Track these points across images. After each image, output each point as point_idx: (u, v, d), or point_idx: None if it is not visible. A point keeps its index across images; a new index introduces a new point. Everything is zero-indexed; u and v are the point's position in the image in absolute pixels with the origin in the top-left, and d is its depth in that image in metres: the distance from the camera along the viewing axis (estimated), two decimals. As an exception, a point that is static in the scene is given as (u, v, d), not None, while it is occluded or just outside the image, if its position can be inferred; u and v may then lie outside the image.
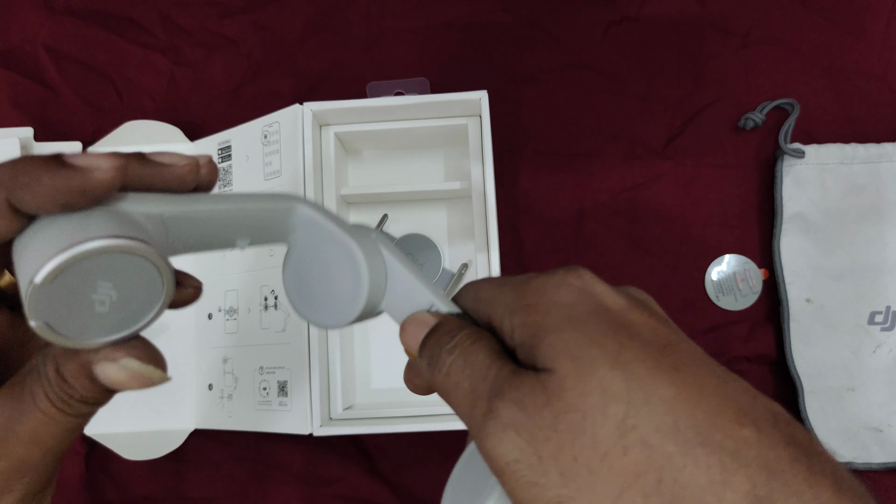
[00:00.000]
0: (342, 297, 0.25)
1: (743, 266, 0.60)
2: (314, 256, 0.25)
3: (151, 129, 0.61)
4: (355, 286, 0.25)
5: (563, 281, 0.23)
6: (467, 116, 0.56)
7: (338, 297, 0.25)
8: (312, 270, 0.25)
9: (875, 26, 0.62)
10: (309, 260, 0.25)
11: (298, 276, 0.26)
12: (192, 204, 0.24)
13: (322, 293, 0.25)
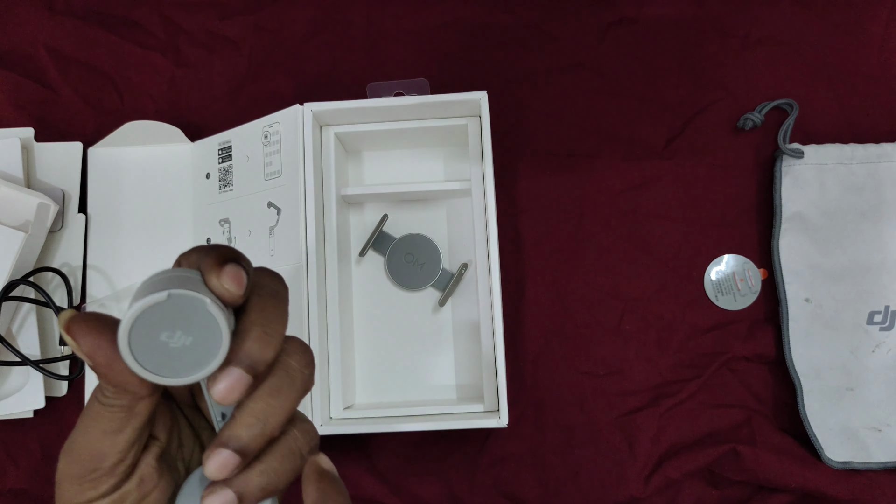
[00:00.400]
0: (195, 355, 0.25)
1: (742, 266, 0.60)
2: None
3: (152, 129, 0.61)
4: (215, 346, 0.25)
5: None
6: (467, 117, 0.56)
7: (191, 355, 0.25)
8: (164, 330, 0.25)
9: (874, 27, 0.62)
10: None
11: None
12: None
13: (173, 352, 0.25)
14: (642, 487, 0.57)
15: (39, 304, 0.58)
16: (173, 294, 0.24)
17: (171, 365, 0.24)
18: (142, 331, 0.24)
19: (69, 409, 0.60)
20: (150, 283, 0.25)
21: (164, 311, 0.24)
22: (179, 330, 0.24)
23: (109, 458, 0.26)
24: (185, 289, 0.24)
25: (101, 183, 0.62)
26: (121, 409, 0.26)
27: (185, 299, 0.24)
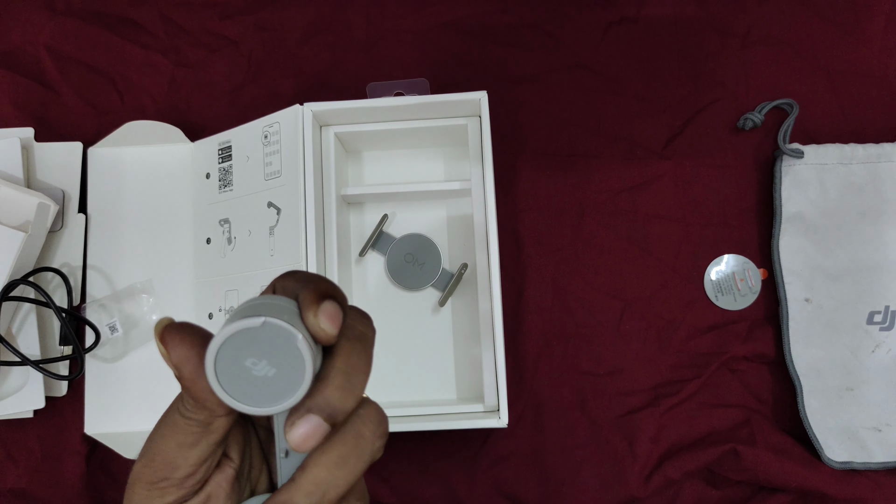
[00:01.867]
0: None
1: (742, 266, 0.60)
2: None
3: (152, 129, 0.61)
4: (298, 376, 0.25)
5: None
6: (467, 117, 0.56)
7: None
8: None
9: (874, 27, 0.62)
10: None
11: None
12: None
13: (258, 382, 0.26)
14: (642, 487, 0.57)
15: (39, 304, 0.58)
16: (268, 322, 0.24)
17: (249, 392, 0.24)
18: (229, 352, 0.24)
19: (69, 409, 0.60)
20: (247, 307, 0.25)
21: (254, 337, 0.24)
22: (265, 359, 0.24)
23: (181, 469, 0.26)
24: (280, 319, 0.24)
25: (101, 183, 0.62)
26: (197, 424, 0.26)
27: (277, 330, 0.24)
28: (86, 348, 0.58)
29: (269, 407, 0.25)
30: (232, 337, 0.24)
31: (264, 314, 0.24)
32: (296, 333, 0.24)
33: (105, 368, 0.60)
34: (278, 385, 0.24)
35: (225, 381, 0.24)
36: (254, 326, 0.24)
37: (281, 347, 0.24)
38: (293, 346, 0.24)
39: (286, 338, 0.24)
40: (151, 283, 0.60)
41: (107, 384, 0.59)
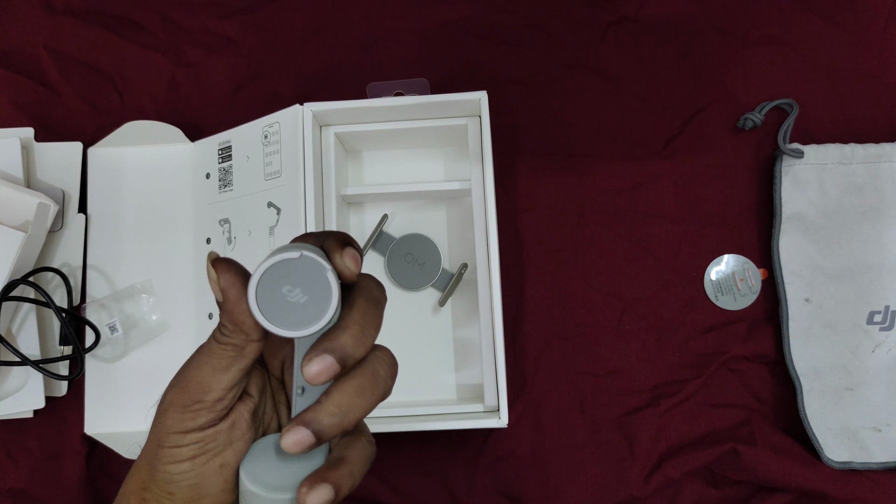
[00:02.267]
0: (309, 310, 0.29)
1: (742, 266, 0.60)
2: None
3: (152, 129, 0.61)
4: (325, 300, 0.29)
5: None
6: (467, 117, 0.56)
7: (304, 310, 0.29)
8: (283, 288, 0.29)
9: (874, 26, 0.62)
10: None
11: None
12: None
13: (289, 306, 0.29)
14: (642, 487, 0.57)
15: (39, 303, 0.58)
16: (304, 255, 0.28)
17: (282, 317, 0.28)
18: (269, 280, 0.28)
19: (69, 409, 0.60)
20: (284, 246, 0.29)
21: (292, 267, 0.28)
22: (300, 287, 0.28)
23: (213, 392, 0.30)
24: (315, 254, 0.28)
25: (101, 183, 0.62)
26: (233, 349, 0.30)
27: (312, 262, 0.28)
28: (86, 348, 0.58)
29: (298, 330, 0.28)
30: (274, 265, 0.28)
31: (301, 250, 0.28)
32: (327, 266, 0.28)
33: (105, 368, 0.60)
34: (308, 311, 0.28)
35: (263, 304, 0.28)
36: (293, 258, 0.28)
37: (313, 278, 0.28)
38: (324, 277, 0.28)
39: (318, 269, 0.28)
40: (151, 283, 0.60)
41: (107, 384, 0.59)
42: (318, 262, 0.28)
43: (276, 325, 0.28)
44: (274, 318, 0.28)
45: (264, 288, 0.28)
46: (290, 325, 0.28)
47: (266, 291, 0.28)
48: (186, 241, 0.61)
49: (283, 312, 0.28)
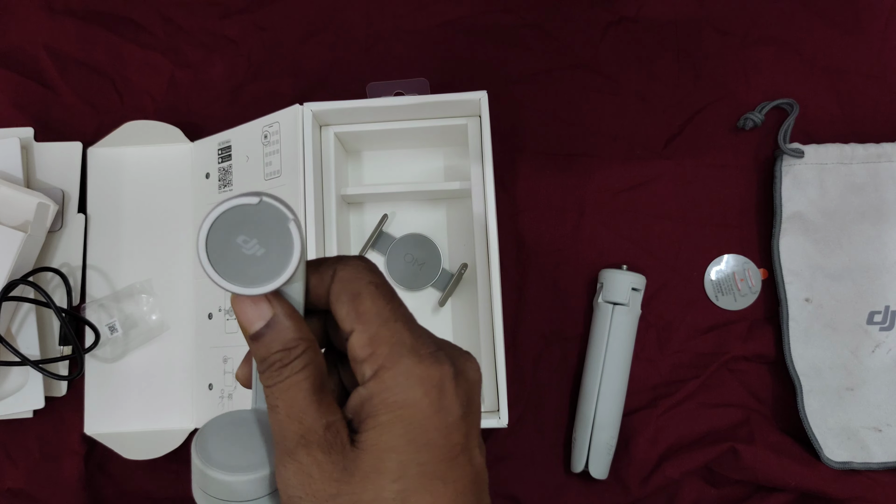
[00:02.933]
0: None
1: (742, 266, 0.60)
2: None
3: (152, 129, 0.61)
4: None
5: (428, 377, 0.26)
6: (467, 117, 0.56)
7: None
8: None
9: (874, 26, 0.62)
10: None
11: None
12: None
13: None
14: (641, 487, 0.57)
15: (39, 304, 0.58)
16: (264, 201, 0.25)
17: (235, 270, 0.25)
18: (222, 227, 0.25)
19: (68, 409, 0.60)
20: (246, 191, 0.26)
21: (249, 214, 0.25)
22: (256, 238, 0.25)
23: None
24: (277, 201, 0.25)
25: (100, 183, 0.62)
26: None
27: (272, 210, 0.25)
28: (85, 348, 0.58)
29: (252, 287, 0.25)
30: (228, 211, 0.24)
31: (262, 195, 0.25)
32: (289, 215, 0.25)
33: (105, 368, 0.60)
34: (265, 266, 0.25)
35: (214, 255, 0.25)
36: (250, 203, 0.24)
37: (273, 228, 0.25)
38: (285, 228, 0.25)
39: (279, 218, 0.25)
40: (151, 283, 0.60)
41: (106, 384, 0.59)
42: (279, 210, 0.25)
43: (228, 279, 0.25)
44: (226, 271, 0.25)
45: (216, 237, 0.25)
46: (244, 280, 0.25)
47: (218, 241, 0.25)
48: (186, 241, 0.61)
49: (237, 265, 0.25)
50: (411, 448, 0.25)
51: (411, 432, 0.26)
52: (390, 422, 0.26)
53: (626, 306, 0.56)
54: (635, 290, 0.56)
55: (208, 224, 0.25)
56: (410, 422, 0.26)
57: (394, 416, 0.26)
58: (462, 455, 0.27)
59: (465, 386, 0.27)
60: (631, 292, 0.56)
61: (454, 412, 0.26)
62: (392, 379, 0.26)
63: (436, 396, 0.26)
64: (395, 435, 0.26)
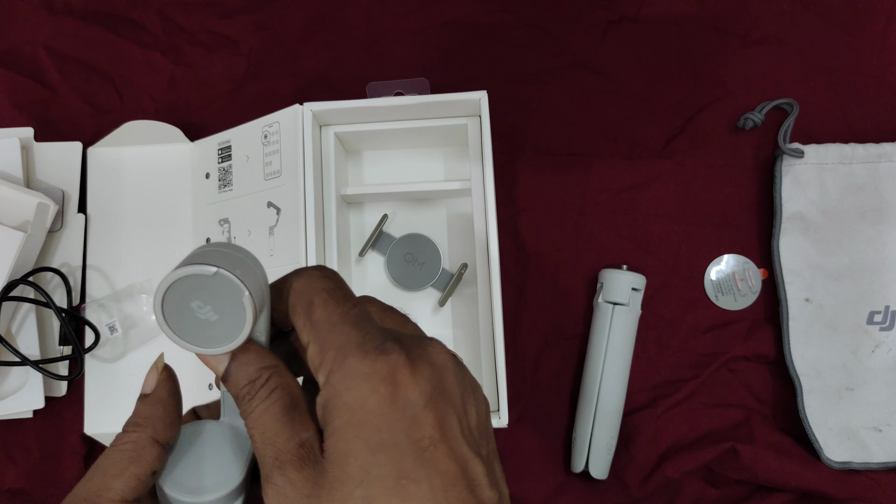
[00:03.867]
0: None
1: (742, 266, 0.60)
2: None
3: (151, 129, 0.61)
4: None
5: (373, 371, 0.25)
6: (467, 116, 0.56)
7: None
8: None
9: (874, 26, 0.62)
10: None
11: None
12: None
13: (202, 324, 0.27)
14: (641, 487, 0.57)
15: (39, 304, 0.58)
16: (220, 273, 0.25)
17: (190, 330, 0.26)
18: (178, 291, 0.25)
19: (68, 409, 0.60)
20: (201, 253, 0.26)
21: (205, 283, 0.25)
22: (210, 305, 0.26)
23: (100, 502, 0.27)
24: (232, 273, 0.25)
25: (100, 183, 0.62)
26: (131, 448, 0.28)
27: (227, 283, 0.25)
28: (85, 348, 0.58)
29: (204, 348, 0.26)
30: (183, 279, 0.25)
31: (219, 264, 0.25)
32: (243, 289, 0.25)
33: (105, 368, 0.60)
34: (218, 330, 0.26)
35: (170, 315, 0.26)
36: (206, 274, 0.25)
37: (227, 298, 0.25)
38: (238, 301, 0.25)
39: (233, 291, 0.25)
40: (151, 283, 0.60)
41: (106, 384, 0.59)
42: (233, 283, 0.25)
43: (183, 339, 0.26)
44: (181, 331, 0.26)
45: (172, 299, 0.26)
46: (198, 341, 0.26)
47: (174, 302, 0.26)
48: (186, 241, 0.61)
49: (191, 327, 0.26)
50: (367, 450, 0.24)
51: (364, 433, 0.24)
52: (342, 426, 0.25)
53: (626, 306, 0.56)
54: (635, 290, 0.56)
55: (163, 288, 0.25)
56: (361, 423, 0.25)
57: (344, 421, 0.25)
58: (436, 448, 0.25)
59: (427, 372, 0.25)
60: (631, 292, 0.56)
61: (414, 403, 0.25)
62: (339, 381, 0.25)
63: (386, 391, 0.25)
64: (350, 439, 0.25)
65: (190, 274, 0.25)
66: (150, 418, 0.28)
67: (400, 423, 0.25)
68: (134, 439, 0.27)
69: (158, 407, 0.28)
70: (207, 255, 0.26)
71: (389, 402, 0.25)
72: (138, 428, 0.28)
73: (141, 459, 0.27)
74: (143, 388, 0.29)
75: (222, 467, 0.29)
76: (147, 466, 0.27)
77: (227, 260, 0.26)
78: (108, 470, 0.27)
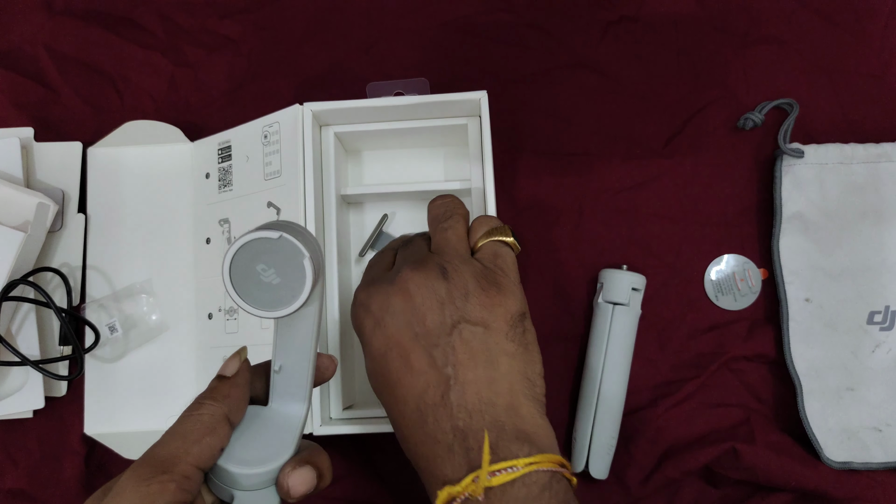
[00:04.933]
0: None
1: (742, 266, 0.60)
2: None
3: (152, 129, 0.61)
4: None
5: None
6: (467, 116, 0.56)
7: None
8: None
9: (874, 26, 0.62)
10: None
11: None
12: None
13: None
14: (641, 487, 0.57)
15: (39, 304, 0.58)
16: (283, 237, 0.28)
17: (253, 294, 0.28)
18: (245, 255, 0.28)
19: (68, 409, 0.60)
20: (267, 224, 0.29)
21: (269, 247, 0.28)
22: (274, 269, 0.28)
23: (181, 464, 0.31)
24: (295, 238, 0.28)
25: (100, 183, 0.62)
26: (211, 418, 0.32)
27: (290, 246, 0.28)
28: (85, 348, 0.58)
29: (268, 311, 0.29)
30: (251, 242, 0.28)
31: (282, 230, 0.28)
32: (305, 252, 0.28)
33: (105, 368, 0.60)
34: (280, 294, 0.28)
35: (236, 279, 0.28)
36: (271, 238, 0.28)
37: (289, 261, 0.28)
38: (299, 263, 0.28)
39: (295, 254, 0.28)
40: (151, 283, 0.60)
41: (106, 384, 0.59)
42: (295, 247, 0.28)
43: (247, 302, 0.28)
44: (246, 294, 0.28)
45: (239, 263, 0.28)
46: (260, 303, 0.29)
47: (240, 267, 0.28)
48: (186, 241, 0.61)
49: (255, 290, 0.28)
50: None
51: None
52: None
53: (627, 306, 0.56)
54: (635, 290, 0.56)
55: (233, 252, 0.28)
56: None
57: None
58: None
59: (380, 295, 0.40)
60: (631, 292, 0.56)
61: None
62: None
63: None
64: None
65: (258, 237, 0.28)
66: (229, 398, 0.30)
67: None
68: (212, 412, 0.30)
69: (237, 390, 0.31)
70: (273, 224, 0.29)
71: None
72: (216, 403, 0.30)
73: (216, 432, 0.30)
74: (225, 370, 0.32)
75: (271, 446, 0.31)
76: (220, 441, 0.30)
77: (290, 229, 0.29)
78: (187, 435, 0.30)
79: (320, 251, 0.30)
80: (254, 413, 0.33)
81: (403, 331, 0.37)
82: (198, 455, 0.29)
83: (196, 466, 0.29)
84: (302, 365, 0.33)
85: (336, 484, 0.58)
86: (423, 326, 0.37)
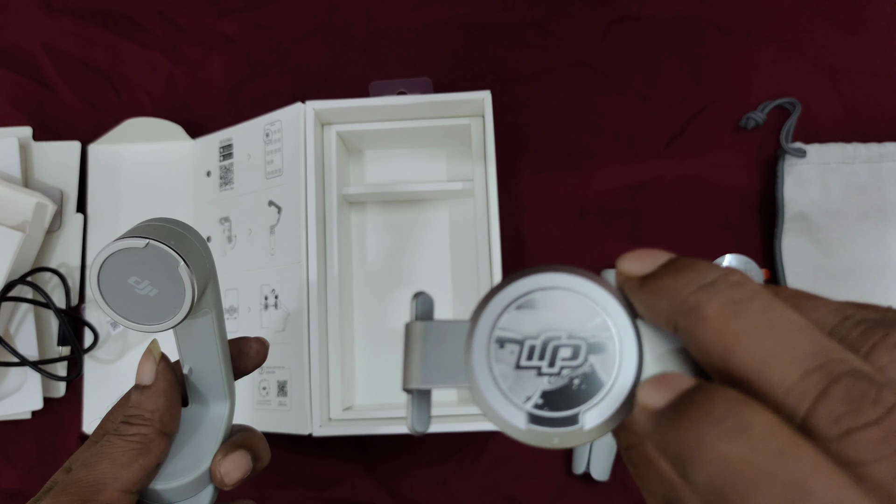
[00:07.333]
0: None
1: (744, 266, 0.60)
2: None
3: (152, 126, 0.61)
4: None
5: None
6: (470, 116, 0.56)
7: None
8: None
9: (877, 25, 0.62)
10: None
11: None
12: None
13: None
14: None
15: (38, 304, 0.57)
16: (151, 244, 0.24)
17: (131, 308, 0.25)
18: (112, 268, 0.25)
19: (67, 410, 0.59)
20: (135, 228, 0.26)
21: (137, 257, 0.25)
22: (148, 279, 0.25)
23: (106, 491, 0.28)
24: (167, 244, 0.25)
25: (100, 180, 0.62)
26: (139, 441, 0.29)
27: (161, 253, 0.25)
28: (84, 349, 0.57)
29: (147, 325, 0.26)
30: (115, 254, 0.25)
31: (150, 236, 0.25)
32: (178, 259, 0.25)
33: (104, 369, 0.59)
34: (160, 306, 0.26)
35: (109, 295, 0.25)
36: (136, 247, 0.24)
37: (164, 270, 0.25)
38: (175, 272, 0.25)
39: (169, 262, 0.25)
40: (150, 283, 0.60)
41: (105, 385, 0.59)
42: (167, 254, 0.25)
43: (125, 317, 0.26)
44: (122, 309, 0.25)
45: (108, 277, 0.25)
46: (141, 318, 0.26)
47: (111, 281, 0.25)
48: (186, 241, 0.61)
49: (132, 304, 0.25)
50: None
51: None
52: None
53: None
54: None
55: (97, 265, 0.25)
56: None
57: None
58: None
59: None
60: None
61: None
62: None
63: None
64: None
65: (121, 248, 0.24)
66: (157, 411, 0.28)
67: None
68: (143, 433, 0.27)
69: (162, 399, 0.28)
70: (140, 229, 0.25)
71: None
72: (146, 422, 0.27)
73: (150, 452, 0.27)
74: (141, 379, 0.28)
75: (198, 449, 0.29)
76: (155, 459, 0.28)
77: (162, 233, 0.25)
78: (116, 459, 0.27)
79: (206, 252, 0.27)
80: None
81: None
82: (128, 479, 0.27)
83: (126, 491, 0.27)
84: (212, 365, 0.30)
85: (336, 484, 0.58)
86: None
